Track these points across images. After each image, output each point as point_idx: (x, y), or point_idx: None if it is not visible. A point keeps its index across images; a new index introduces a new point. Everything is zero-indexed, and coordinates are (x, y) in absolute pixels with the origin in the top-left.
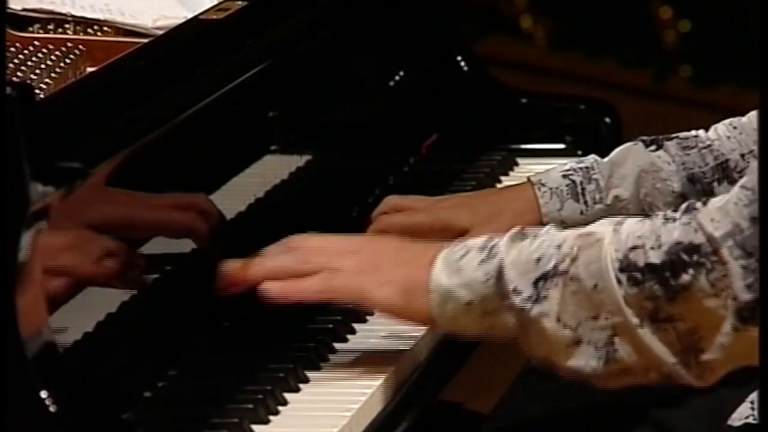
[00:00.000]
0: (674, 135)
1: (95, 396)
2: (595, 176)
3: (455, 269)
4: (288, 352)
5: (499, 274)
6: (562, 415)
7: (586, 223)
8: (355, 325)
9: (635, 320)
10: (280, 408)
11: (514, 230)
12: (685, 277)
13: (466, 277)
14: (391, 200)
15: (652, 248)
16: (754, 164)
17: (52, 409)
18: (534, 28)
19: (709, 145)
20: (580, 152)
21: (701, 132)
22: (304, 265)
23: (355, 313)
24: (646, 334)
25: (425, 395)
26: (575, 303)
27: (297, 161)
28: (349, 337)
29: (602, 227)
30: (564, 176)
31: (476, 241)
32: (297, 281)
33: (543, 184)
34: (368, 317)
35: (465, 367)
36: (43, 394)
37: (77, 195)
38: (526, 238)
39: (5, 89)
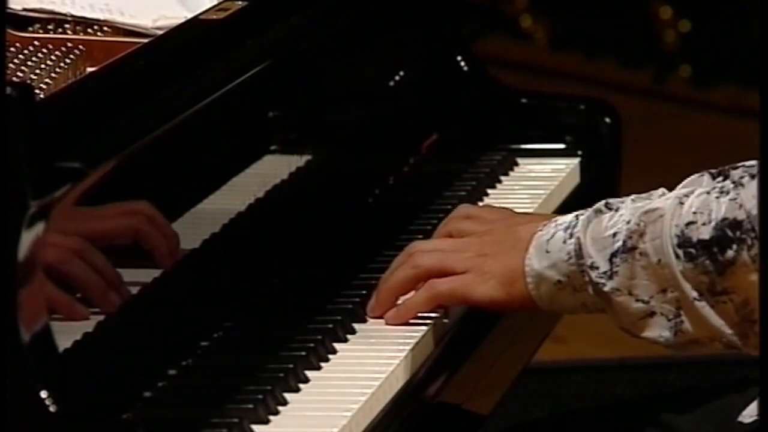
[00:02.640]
0: (740, 164)
1: (95, 396)
2: None
3: (544, 251)
4: (288, 352)
5: (579, 252)
6: (564, 416)
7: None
8: (355, 325)
9: (694, 294)
10: (280, 408)
11: (599, 204)
12: (730, 253)
13: (553, 257)
14: (464, 209)
15: (704, 224)
16: None
17: (52, 409)
18: (534, 28)
19: None
20: (580, 152)
21: None
22: (418, 271)
23: (355, 313)
24: (704, 308)
25: (425, 396)
26: (646, 277)
27: (297, 161)
28: (349, 337)
29: (669, 201)
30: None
31: (564, 219)
32: (406, 302)
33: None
34: (368, 317)
35: (464, 368)
36: (43, 394)
37: None
38: (608, 212)
39: (5, 89)
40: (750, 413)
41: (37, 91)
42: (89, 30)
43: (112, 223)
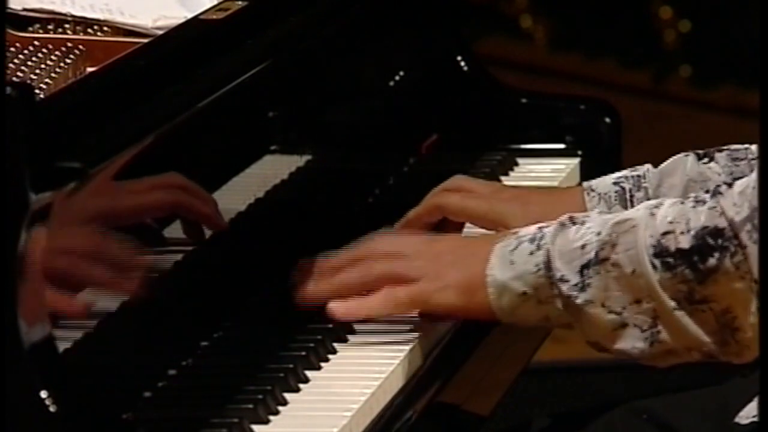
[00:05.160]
0: (726, 147)
1: (95, 396)
2: (644, 184)
3: (508, 262)
4: (288, 352)
5: (548, 264)
6: (564, 416)
7: None
8: (355, 325)
9: (672, 303)
10: (280, 408)
11: (562, 218)
12: (712, 261)
13: (518, 269)
14: (458, 180)
15: (682, 233)
16: None
17: (52, 409)
18: (534, 28)
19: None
20: (580, 152)
21: (753, 146)
22: (367, 278)
23: None
24: (683, 317)
25: (425, 396)
26: (618, 288)
27: (297, 161)
28: (349, 337)
29: (639, 212)
30: (614, 183)
31: (527, 231)
32: (362, 300)
33: (593, 190)
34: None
35: (464, 369)
36: (43, 394)
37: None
38: (574, 226)
39: (5, 89)
40: (747, 414)
41: (37, 91)
42: (89, 30)
43: (148, 198)
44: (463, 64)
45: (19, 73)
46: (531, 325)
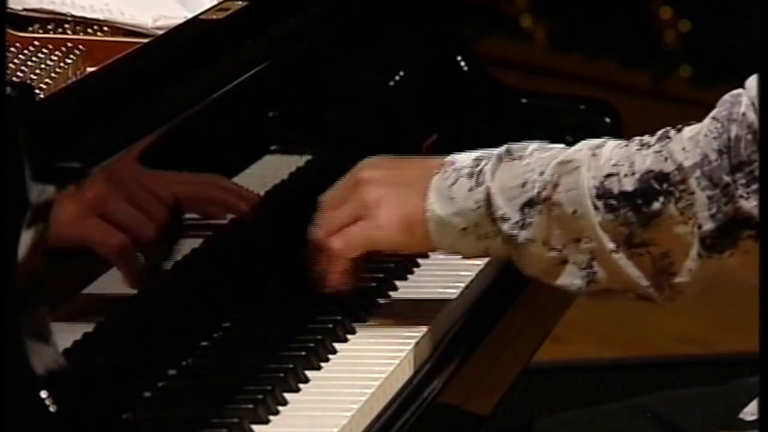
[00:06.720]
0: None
1: (95, 396)
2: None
3: (447, 198)
4: (288, 352)
5: (488, 202)
6: (564, 416)
7: None
8: (355, 325)
9: (611, 245)
10: (280, 408)
11: (500, 150)
12: (656, 205)
13: (458, 205)
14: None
15: (625, 175)
16: (726, 96)
17: (52, 409)
18: (534, 28)
19: None
20: None
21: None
22: (320, 248)
23: (355, 313)
24: (621, 259)
25: (425, 396)
26: (559, 227)
27: (297, 161)
28: (349, 337)
29: (581, 153)
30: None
31: (464, 165)
32: (326, 275)
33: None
34: (368, 317)
35: (464, 368)
36: (43, 394)
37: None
38: (512, 160)
39: (5, 89)
40: (752, 410)
41: (37, 91)
42: (89, 30)
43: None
44: (463, 64)
45: (19, 73)
46: (470, 256)
